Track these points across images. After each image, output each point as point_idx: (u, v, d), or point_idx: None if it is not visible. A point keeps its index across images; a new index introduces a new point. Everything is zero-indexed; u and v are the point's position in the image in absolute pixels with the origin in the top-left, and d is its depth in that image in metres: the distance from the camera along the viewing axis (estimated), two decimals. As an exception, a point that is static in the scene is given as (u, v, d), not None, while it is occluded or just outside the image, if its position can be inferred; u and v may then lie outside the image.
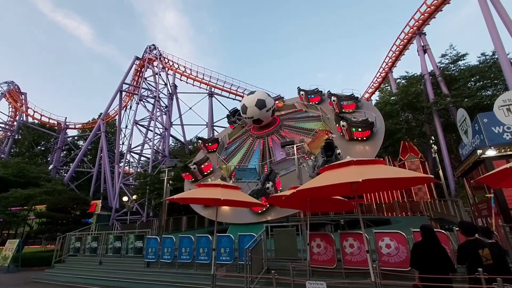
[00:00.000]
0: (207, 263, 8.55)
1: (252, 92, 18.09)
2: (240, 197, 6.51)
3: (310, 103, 17.93)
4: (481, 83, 24.97)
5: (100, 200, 29.99)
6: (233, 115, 21.11)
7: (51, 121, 47.95)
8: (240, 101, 27.24)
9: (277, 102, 19.35)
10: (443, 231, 6.01)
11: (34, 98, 63.42)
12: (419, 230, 4.41)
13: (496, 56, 21.89)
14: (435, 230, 4.49)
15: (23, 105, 48.32)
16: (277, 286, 5.17)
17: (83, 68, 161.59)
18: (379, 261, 6.02)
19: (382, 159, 12.29)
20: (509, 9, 19.97)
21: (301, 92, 18.53)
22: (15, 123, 47.34)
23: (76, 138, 52.99)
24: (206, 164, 16.64)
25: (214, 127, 37.94)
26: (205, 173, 16.42)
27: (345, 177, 4.08)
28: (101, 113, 45.34)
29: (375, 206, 22.63)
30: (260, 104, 16.24)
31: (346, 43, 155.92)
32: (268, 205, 11.58)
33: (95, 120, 48.67)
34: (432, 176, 4.73)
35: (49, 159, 48.53)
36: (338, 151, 11.88)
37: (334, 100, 15.42)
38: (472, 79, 25.09)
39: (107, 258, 11.82)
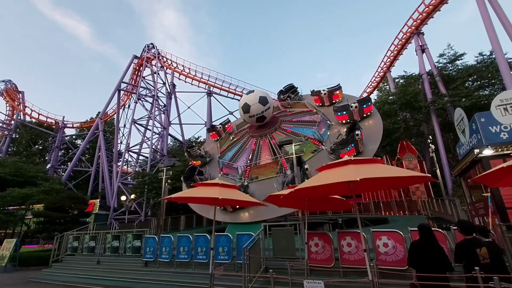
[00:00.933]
0: (205, 262, 8.55)
1: (251, 91, 18.08)
2: (238, 196, 6.52)
3: (364, 114, 14.52)
4: (479, 82, 25.05)
5: (98, 200, 29.95)
6: (285, 92, 19.78)
7: (48, 120, 47.74)
8: (238, 100, 27.23)
9: (337, 92, 17.14)
10: (440, 230, 6.04)
11: (32, 97, 63.42)
12: (416, 229, 4.42)
13: (494, 56, 21.98)
14: (432, 229, 4.51)
15: (21, 104, 48.07)
16: (275, 285, 5.18)
17: (82, 67, 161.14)
18: (377, 260, 6.04)
19: (380, 158, 12.31)
20: (506, 9, 20.05)
21: (323, 91, 16.61)
22: (12, 122, 47.10)
23: (74, 137, 52.74)
24: (229, 124, 20.82)
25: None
26: (227, 132, 19.85)
27: (343, 176, 4.09)
28: (99, 112, 45.14)
29: (373, 205, 22.68)
30: (263, 100, 16.45)
31: (345, 43, 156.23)
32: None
33: (93, 119, 48.48)
34: (430, 175, 4.74)
35: (46, 158, 48.32)
36: (306, 166, 12.04)
37: (356, 107, 14.06)
38: (470, 79, 25.16)
39: (105, 258, 11.80)
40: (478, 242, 3.99)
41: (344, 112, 14.20)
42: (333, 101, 16.80)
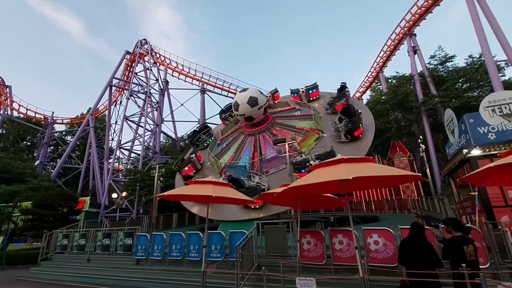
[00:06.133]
0: (197, 260, 8.54)
1: (244, 89, 18.03)
2: (231, 194, 6.52)
3: (311, 98, 18.17)
4: (468, 84, 25.60)
5: (89, 197, 29.49)
6: (226, 111, 20.82)
7: (37, 115, 46.50)
8: (232, 98, 27.13)
9: (275, 95, 19.80)
10: (429, 227, 6.17)
11: (21, 92, 61.59)
12: (406, 227, 4.51)
13: (483, 59, 22.46)
14: (424, 227, 4.60)
15: (8, 99, 46.66)
16: (268, 283, 5.21)
17: (73, 63, 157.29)
18: (368, 257, 6.14)
19: (371, 157, 12.55)
20: (496, 13, 20.50)
21: (302, 90, 18.40)
22: (-1, 117, 45.75)
23: (64, 133, 51.63)
24: (199, 154, 17.19)
25: (206, 124, 37.64)
26: (201, 162, 16.93)
27: (335, 175, 4.14)
28: (90, 108, 44.30)
29: (364, 203, 23.01)
30: (252, 101, 16.22)
31: (337, 44, 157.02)
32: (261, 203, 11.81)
33: (83, 115, 47.53)
34: (420, 174, 4.84)
35: (35, 154, 47.18)
36: (360, 110, 13.15)
37: (303, 91, 17.98)
38: (460, 81, 25.69)
39: (95, 256, 11.66)
40: (465, 239, 4.10)
41: (296, 95, 18.62)
42: (311, 99, 18.34)
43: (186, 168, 16.35)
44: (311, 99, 18.23)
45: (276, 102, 19.99)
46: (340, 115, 13.55)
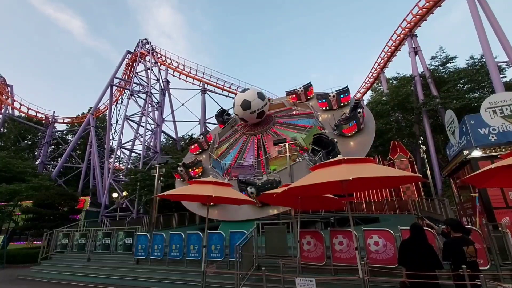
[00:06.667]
0: (197, 260, 8.54)
1: (244, 90, 18.04)
2: (232, 194, 6.52)
3: (342, 103, 15.77)
4: (469, 85, 25.54)
5: (89, 196, 29.51)
6: (221, 115, 20.79)
7: (38, 114, 46.52)
8: (233, 98, 27.17)
9: (308, 91, 18.03)
10: (430, 229, 6.16)
11: (22, 91, 61.37)
12: (406, 228, 4.50)
13: (484, 60, 22.41)
14: (424, 228, 4.59)
15: (9, 98, 46.76)
16: (267, 283, 5.20)
17: (74, 62, 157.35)
18: (368, 258, 6.13)
19: (372, 158, 12.45)
20: (497, 14, 20.47)
21: (332, 94, 15.83)
22: (0, 116, 45.83)
23: (64, 132, 51.69)
24: (209, 134, 19.66)
25: (207, 124, 37.68)
26: (210, 143, 18.41)
27: (335, 175, 4.14)
28: (91, 108, 44.35)
29: (365, 204, 22.98)
30: (245, 105, 15.99)
31: (338, 44, 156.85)
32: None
33: (84, 115, 47.56)
34: (420, 175, 4.83)
35: (36, 153, 47.26)
36: (335, 139, 12.11)
37: (334, 96, 15.66)
38: (461, 82, 25.63)
39: (95, 255, 11.68)
40: (465, 240, 4.09)
41: (324, 100, 16.01)
42: (341, 104, 15.94)
43: (193, 147, 18.72)
44: (342, 104, 15.89)
45: (303, 102, 17.82)
46: (313, 146, 12.03)
